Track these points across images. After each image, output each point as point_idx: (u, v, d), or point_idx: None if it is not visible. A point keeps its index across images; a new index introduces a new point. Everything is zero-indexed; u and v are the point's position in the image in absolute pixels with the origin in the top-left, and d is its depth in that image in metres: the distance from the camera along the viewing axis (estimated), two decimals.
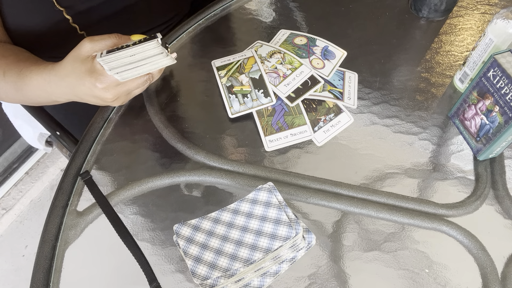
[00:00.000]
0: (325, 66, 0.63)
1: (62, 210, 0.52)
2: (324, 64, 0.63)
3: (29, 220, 1.33)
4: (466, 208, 0.49)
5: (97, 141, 0.59)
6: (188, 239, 0.47)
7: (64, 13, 0.62)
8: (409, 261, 0.46)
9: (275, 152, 0.56)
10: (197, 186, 0.53)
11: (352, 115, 0.58)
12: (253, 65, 0.62)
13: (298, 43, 0.66)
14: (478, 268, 0.45)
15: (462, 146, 0.55)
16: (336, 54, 0.65)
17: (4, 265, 1.24)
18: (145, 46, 0.48)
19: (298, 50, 0.65)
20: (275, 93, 0.59)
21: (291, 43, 0.67)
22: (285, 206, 0.49)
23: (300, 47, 0.66)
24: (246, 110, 0.58)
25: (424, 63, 0.65)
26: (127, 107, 0.62)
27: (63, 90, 0.53)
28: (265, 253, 0.44)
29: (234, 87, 0.60)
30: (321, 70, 0.62)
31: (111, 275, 0.48)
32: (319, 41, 0.67)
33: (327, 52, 0.65)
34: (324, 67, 0.63)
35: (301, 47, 0.66)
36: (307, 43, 0.66)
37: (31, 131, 0.80)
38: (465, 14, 0.71)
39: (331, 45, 0.66)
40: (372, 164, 0.54)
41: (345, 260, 0.46)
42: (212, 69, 0.64)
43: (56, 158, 1.44)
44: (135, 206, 0.52)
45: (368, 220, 0.49)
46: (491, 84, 0.48)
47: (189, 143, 0.57)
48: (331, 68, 0.63)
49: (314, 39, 0.67)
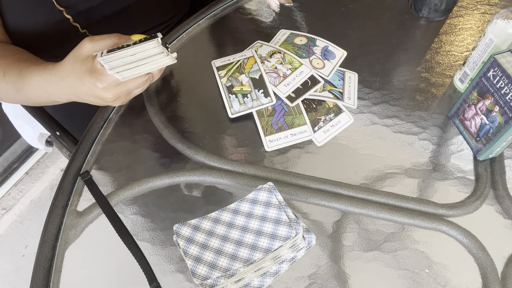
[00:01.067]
0: (325, 66, 0.63)
1: (62, 210, 0.52)
2: (324, 64, 0.63)
3: (29, 220, 1.33)
4: (466, 208, 0.49)
5: (97, 141, 0.59)
6: (188, 239, 0.47)
7: (64, 12, 0.62)
8: (409, 261, 0.46)
9: (275, 152, 0.56)
10: (197, 186, 0.53)
11: (352, 115, 0.58)
12: (253, 65, 0.62)
13: (298, 43, 0.66)
14: (478, 268, 0.45)
15: (462, 146, 0.55)
16: (336, 54, 0.65)
17: (4, 265, 1.24)
18: (145, 45, 0.48)
19: (298, 50, 0.65)
20: (275, 93, 0.59)
21: (291, 43, 0.67)
22: (285, 206, 0.49)
23: (300, 47, 0.66)
24: (246, 110, 0.58)
25: (424, 63, 0.65)
26: (127, 107, 0.62)
27: (63, 90, 0.53)
28: (265, 253, 0.44)
29: (234, 87, 0.60)
30: (321, 70, 0.62)
31: (111, 275, 0.48)
32: (319, 41, 0.67)
33: (327, 52, 0.65)
34: (324, 67, 0.63)
35: (301, 47, 0.66)
36: (307, 43, 0.66)
37: (31, 131, 0.80)
38: (465, 14, 0.71)
39: (331, 45, 0.66)
40: (372, 164, 0.54)
41: (345, 260, 0.46)
42: (212, 69, 0.64)
43: (56, 158, 1.44)
44: (135, 206, 0.52)
45: (368, 220, 0.49)
46: (491, 84, 0.48)
47: (189, 143, 0.57)
48: (331, 68, 0.63)
49: (314, 39, 0.67)
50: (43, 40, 0.64)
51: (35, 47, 0.63)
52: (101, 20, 0.67)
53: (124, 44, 0.49)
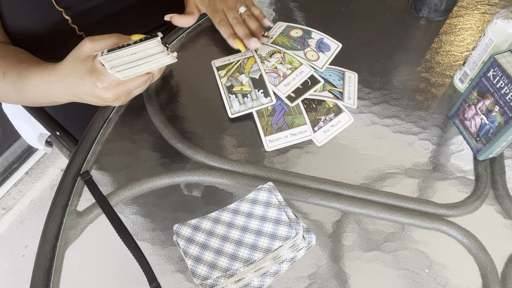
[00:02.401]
0: (319, 58, 0.63)
1: (62, 210, 0.52)
2: (318, 56, 0.63)
3: (29, 220, 1.33)
4: (466, 208, 0.49)
5: (97, 141, 0.59)
6: (188, 239, 0.47)
7: (63, 13, 0.62)
8: (409, 261, 0.46)
9: (275, 152, 0.56)
10: (197, 186, 0.53)
11: (352, 115, 0.58)
12: (253, 65, 0.62)
13: (293, 36, 0.67)
14: (478, 268, 0.45)
15: (462, 146, 0.55)
16: (331, 46, 0.65)
17: (4, 265, 1.24)
18: (146, 44, 0.48)
19: (293, 42, 0.65)
20: (275, 93, 0.59)
21: (287, 36, 0.67)
22: (285, 206, 0.49)
23: (296, 39, 0.66)
24: (246, 110, 0.58)
25: (424, 63, 0.65)
26: (127, 107, 0.62)
27: (63, 91, 0.53)
28: (265, 253, 0.44)
29: (234, 87, 0.60)
30: (315, 62, 0.63)
31: (111, 275, 0.48)
32: (315, 33, 0.67)
33: (322, 45, 0.65)
34: (318, 59, 0.63)
35: (296, 39, 0.66)
36: (302, 35, 0.67)
37: (31, 131, 0.80)
38: (465, 14, 0.71)
39: (326, 37, 0.67)
40: (372, 164, 0.54)
41: (345, 260, 0.46)
42: (212, 69, 0.64)
43: (56, 158, 1.44)
44: (135, 206, 0.52)
45: (368, 220, 0.49)
46: (491, 84, 0.48)
47: (189, 143, 0.57)
48: (325, 60, 0.63)
49: (310, 31, 0.68)
50: (42, 40, 0.64)
51: (34, 47, 0.63)
52: (101, 21, 0.67)
53: (125, 43, 0.49)
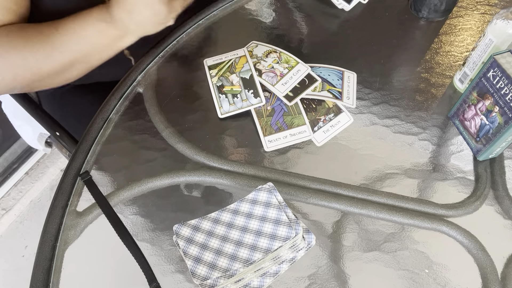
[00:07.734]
0: None
1: (62, 210, 0.52)
2: None
3: (29, 220, 1.33)
4: (466, 209, 0.49)
5: (97, 142, 0.59)
6: (188, 239, 0.47)
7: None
8: (409, 262, 0.46)
9: (275, 152, 0.56)
10: (197, 186, 0.53)
11: (352, 115, 0.58)
12: (244, 64, 0.62)
13: None
14: (478, 268, 0.45)
15: (462, 147, 0.55)
16: None
17: (4, 265, 1.24)
18: None
19: None
20: (272, 93, 0.59)
21: None
22: (285, 206, 0.49)
23: None
24: (236, 110, 0.58)
25: (424, 63, 0.65)
26: (127, 107, 0.62)
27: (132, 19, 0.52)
28: (265, 254, 0.44)
29: (224, 87, 0.60)
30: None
31: (111, 276, 0.48)
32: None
33: None
34: None
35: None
36: None
37: (31, 131, 0.80)
38: (465, 15, 0.71)
39: None
40: (372, 165, 0.54)
41: (345, 260, 0.46)
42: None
43: (56, 158, 1.44)
44: (135, 206, 0.52)
45: (368, 220, 0.49)
46: (491, 84, 0.48)
47: (188, 144, 0.57)
48: None
49: None
50: None
51: None
52: None
53: None
